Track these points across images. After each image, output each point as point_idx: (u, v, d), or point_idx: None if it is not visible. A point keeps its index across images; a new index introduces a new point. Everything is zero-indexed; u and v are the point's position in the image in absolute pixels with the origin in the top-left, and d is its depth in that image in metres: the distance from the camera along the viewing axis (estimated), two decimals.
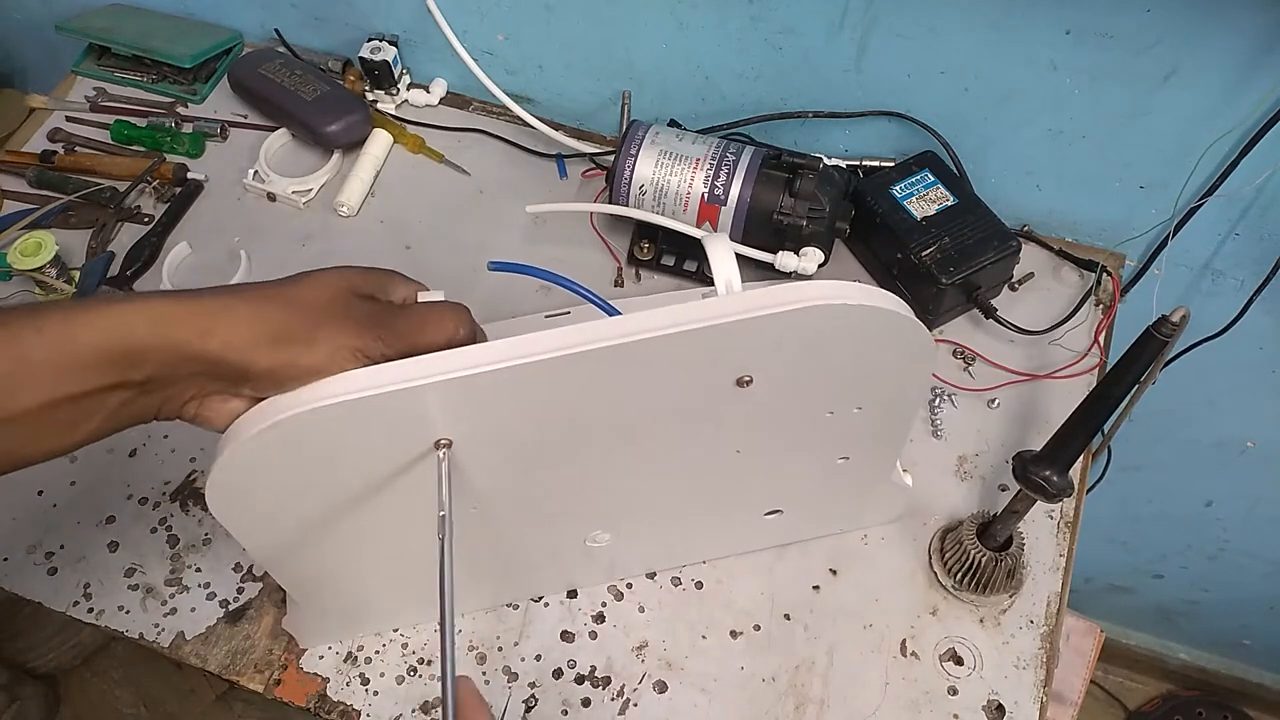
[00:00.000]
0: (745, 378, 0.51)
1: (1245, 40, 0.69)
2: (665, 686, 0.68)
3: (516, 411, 0.50)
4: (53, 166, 0.93)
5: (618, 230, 0.89)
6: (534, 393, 0.48)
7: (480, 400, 0.48)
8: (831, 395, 0.55)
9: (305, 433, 0.46)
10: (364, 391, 0.45)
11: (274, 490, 0.50)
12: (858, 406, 0.57)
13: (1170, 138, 0.78)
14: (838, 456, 0.62)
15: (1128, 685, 1.63)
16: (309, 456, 0.48)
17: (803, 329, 0.49)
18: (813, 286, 0.48)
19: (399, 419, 0.48)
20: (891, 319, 0.50)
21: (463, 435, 0.50)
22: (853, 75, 0.83)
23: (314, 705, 0.67)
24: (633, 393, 0.51)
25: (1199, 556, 1.28)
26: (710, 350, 0.49)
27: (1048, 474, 0.63)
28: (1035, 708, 0.67)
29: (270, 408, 0.45)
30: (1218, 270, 0.87)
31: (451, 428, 0.49)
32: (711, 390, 0.52)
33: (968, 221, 0.80)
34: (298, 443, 0.47)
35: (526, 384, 0.47)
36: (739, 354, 0.50)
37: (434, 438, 0.49)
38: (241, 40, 1.02)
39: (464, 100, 0.99)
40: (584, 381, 0.49)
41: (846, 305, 0.48)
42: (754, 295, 0.48)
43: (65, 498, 0.75)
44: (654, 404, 0.52)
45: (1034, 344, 0.82)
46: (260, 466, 0.48)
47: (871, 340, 0.51)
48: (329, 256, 0.88)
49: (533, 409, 0.50)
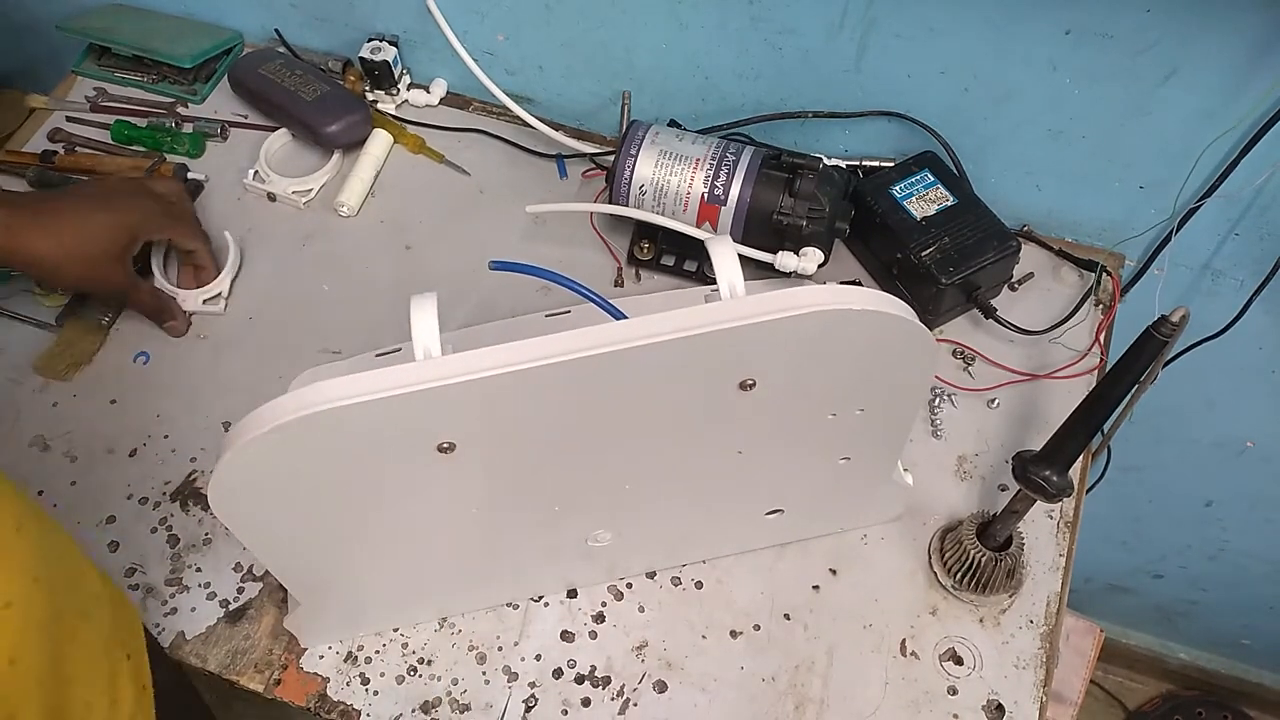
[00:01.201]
0: (748, 381, 0.51)
1: (1245, 40, 0.69)
2: (665, 686, 0.68)
3: (520, 415, 0.50)
4: (53, 166, 0.93)
5: (618, 230, 0.89)
6: (537, 396, 0.48)
7: (483, 405, 0.48)
8: (834, 397, 0.55)
9: (308, 436, 0.46)
10: (367, 396, 0.45)
11: (276, 491, 0.50)
12: (860, 408, 0.57)
13: (1170, 138, 0.78)
14: (839, 457, 0.62)
15: (1128, 685, 1.63)
16: (311, 459, 0.48)
17: (807, 333, 0.49)
18: (817, 291, 0.48)
19: (402, 423, 0.48)
20: (895, 323, 0.50)
21: (466, 439, 0.50)
22: (852, 75, 0.83)
23: (314, 705, 0.67)
24: (635, 396, 0.51)
25: (1199, 556, 1.28)
26: (714, 354, 0.49)
27: (1047, 474, 0.63)
28: (1035, 708, 0.67)
29: (273, 411, 0.45)
30: (1218, 270, 0.87)
31: (455, 432, 0.49)
32: (714, 394, 0.52)
33: (968, 221, 0.80)
34: (300, 446, 0.47)
35: (529, 388, 0.47)
36: (742, 358, 0.50)
37: (437, 441, 0.49)
38: (241, 40, 1.02)
39: (464, 100, 0.99)
40: (587, 385, 0.49)
41: (851, 310, 0.48)
42: (758, 300, 0.48)
43: (65, 498, 0.75)
44: (656, 407, 0.52)
45: (1034, 344, 0.82)
46: (262, 469, 0.48)
47: (875, 344, 0.51)
48: (329, 256, 0.88)
49: (536, 412, 0.50)
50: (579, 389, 0.49)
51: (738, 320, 0.47)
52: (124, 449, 0.77)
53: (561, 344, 0.46)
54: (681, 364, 0.49)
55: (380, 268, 0.87)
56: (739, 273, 0.51)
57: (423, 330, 0.49)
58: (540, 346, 0.46)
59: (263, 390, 0.78)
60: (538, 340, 0.46)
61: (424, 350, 0.49)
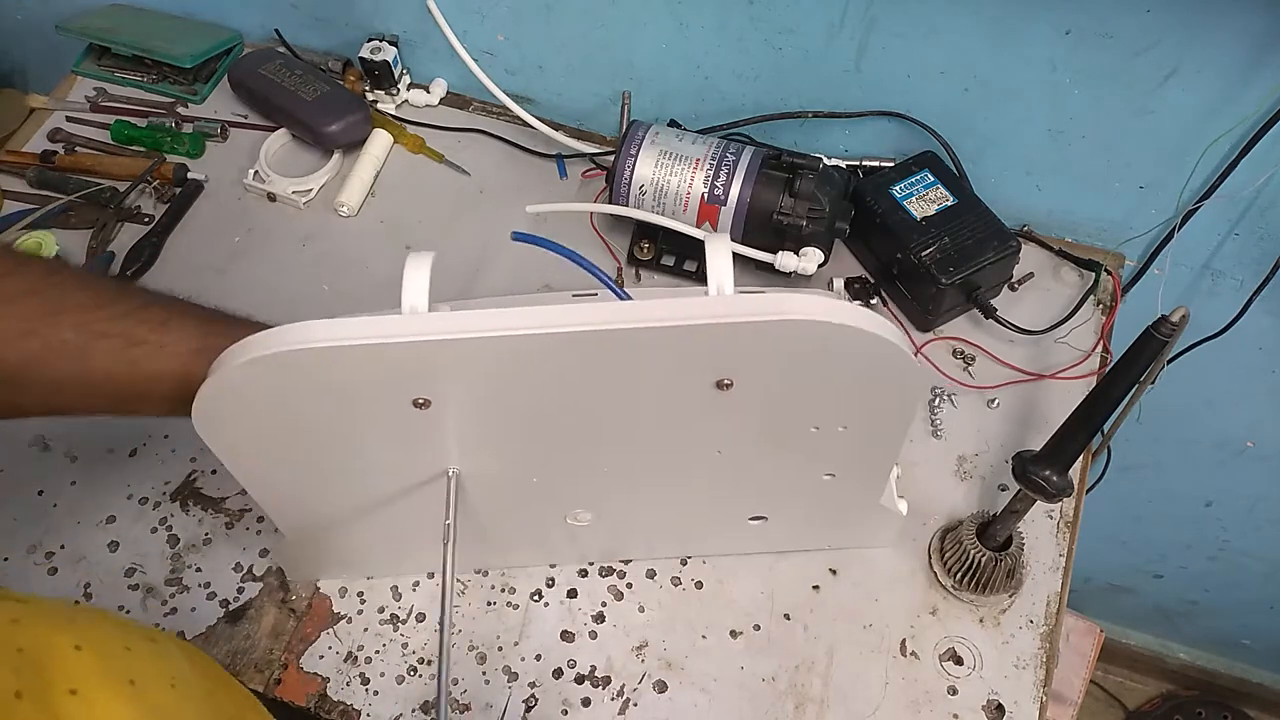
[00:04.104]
0: (725, 380, 0.51)
1: (1245, 40, 0.69)
2: (665, 686, 0.68)
3: (497, 381, 0.50)
4: (53, 166, 0.93)
5: (618, 230, 0.89)
6: (514, 365, 0.49)
7: (460, 366, 0.49)
8: (815, 411, 0.55)
9: (286, 373, 0.48)
10: (344, 341, 0.46)
11: (255, 422, 0.51)
12: (842, 425, 0.56)
13: (1170, 138, 0.78)
14: (823, 472, 0.62)
15: (1128, 685, 1.63)
16: (289, 396, 0.50)
17: (784, 341, 0.48)
18: (801, 300, 0.47)
19: (379, 373, 0.49)
20: (878, 343, 0.48)
21: (441, 397, 0.50)
22: (852, 75, 0.83)
23: (314, 705, 0.67)
24: (613, 379, 0.51)
25: (1199, 556, 1.28)
26: (689, 349, 0.49)
27: (1047, 474, 0.63)
28: (1035, 708, 0.67)
29: (253, 343, 0.46)
30: (1218, 270, 0.87)
31: (430, 389, 0.50)
32: (690, 389, 0.52)
33: (967, 221, 0.80)
34: (279, 381, 0.48)
35: (506, 356, 0.48)
36: (718, 357, 0.50)
37: (412, 396, 0.50)
38: (241, 40, 1.02)
39: (464, 100, 0.99)
40: (565, 362, 0.49)
41: (829, 324, 0.47)
42: (739, 300, 0.47)
43: (65, 498, 0.75)
44: (634, 393, 0.52)
45: (1034, 344, 0.82)
46: (242, 398, 0.49)
47: (856, 363, 0.50)
48: (329, 256, 0.88)
49: (512, 381, 0.51)
50: (557, 364, 0.49)
51: (715, 318, 0.46)
52: (124, 449, 0.77)
53: (541, 317, 0.46)
54: (658, 354, 0.49)
55: (380, 268, 0.87)
56: (729, 272, 0.51)
57: (412, 286, 0.50)
58: (519, 317, 0.46)
59: None
60: (518, 310, 0.47)
61: (410, 306, 0.50)
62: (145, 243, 0.88)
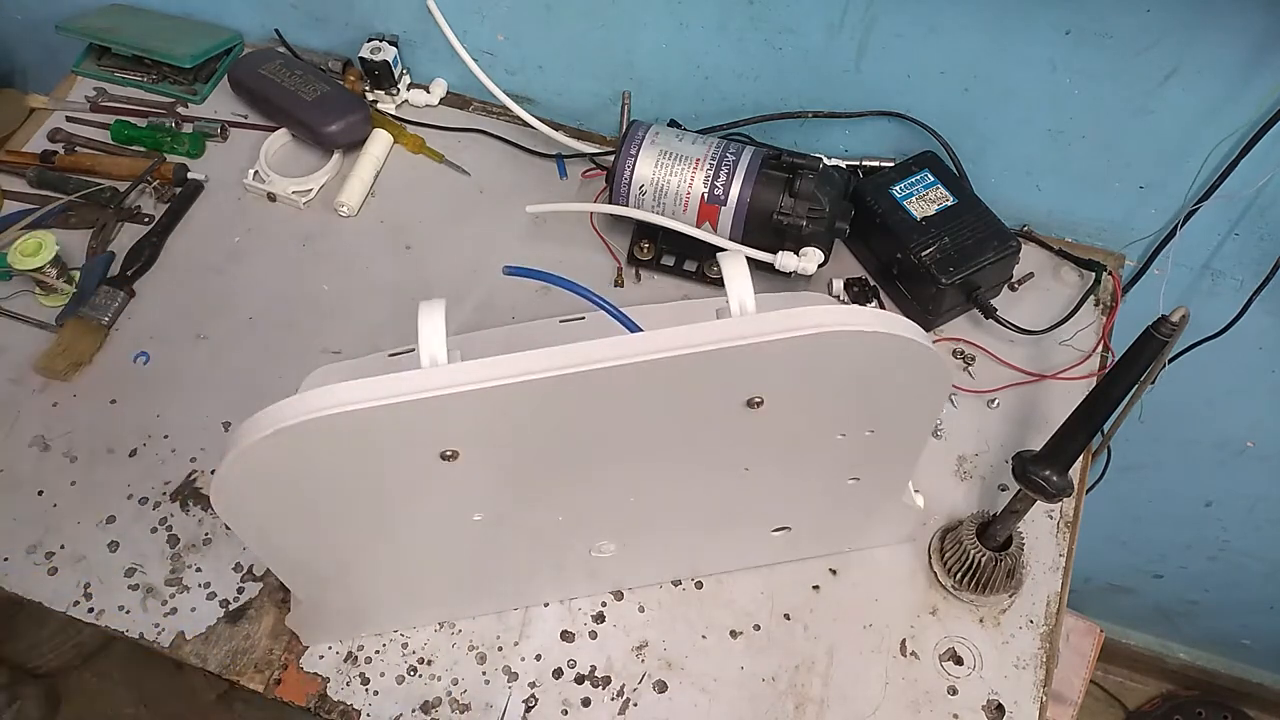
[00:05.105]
0: (756, 399, 0.51)
1: (1245, 40, 0.69)
2: (665, 686, 0.68)
3: (524, 425, 0.50)
4: (53, 166, 0.93)
5: (617, 230, 0.89)
6: (541, 408, 0.48)
7: (487, 414, 0.48)
8: (843, 418, 0.55)
9: (310, 439, 0.46)
10: (368, 403, 0.45)
11: (278, 492, 0.50)
12: (870, 429, 0.56)
13: (1170, 138, 0.78)
14: (848, 477, 0.62)
15: (1128, 685, 1.63)
16: (314, 462, 0.48)
17: (817, 353, 0.48)
18: (828, 311, 0.47)
19: (404, 430, 0.48)
20: (908, 346, 0.49)
21: (469, 447, 0.50)
22: (852, 75, 0.83)
23: (314, 705, 0.67)
24: (641, 410, 0.51)
25: (1199, 556, 1.28)
26: (722, 372, 0.48)
27: (1047, 474, 0.63)
28: (1035, 707, 0.67)
29: (272, 415, 0.45)
30: (1218, 270, 0.87)
31: (458, 440, 0.49)
32: (721, 410, 0.51)
33: (967, 221, 0.80)
34: (303, 448, 0.47)
35: (534, 399, 0.47)
36: (751, 376, 0.49)
37: (440, 449, 0.49)
38: (241, 40, 1.02)
39: (464, 100, 0.99)
40: (593, 398, 0.49)
41: (863, 332, 0.47)
42: (768, 319, 0.47)
43: (65, 498, 0.75)
44: (662, 421, 0.52)
45: (1034, 344, 0.82)
46: (265, 469, 0.48)
47: (886, 366, 0.51)
48: (329, 256, 0.88)
49: (540, 423, 0.50)
50: (585, 401, 0.49)
51: (747, 338, 0.46)
52: (124, 449, 0.77)
53: (568, 357, 0.46)
54: (689, 380, 0.48)
55: (380, 268, 0.87)
56: (750, 289, 0.50)
57: (429, 337, 0.49)
58: (546, 359, 0.46)
59: (263, 390, 0.79)
60: (544, 352, 0.46)
61: (430, 358, 0.49)
62: (145, 243, 0.88)
